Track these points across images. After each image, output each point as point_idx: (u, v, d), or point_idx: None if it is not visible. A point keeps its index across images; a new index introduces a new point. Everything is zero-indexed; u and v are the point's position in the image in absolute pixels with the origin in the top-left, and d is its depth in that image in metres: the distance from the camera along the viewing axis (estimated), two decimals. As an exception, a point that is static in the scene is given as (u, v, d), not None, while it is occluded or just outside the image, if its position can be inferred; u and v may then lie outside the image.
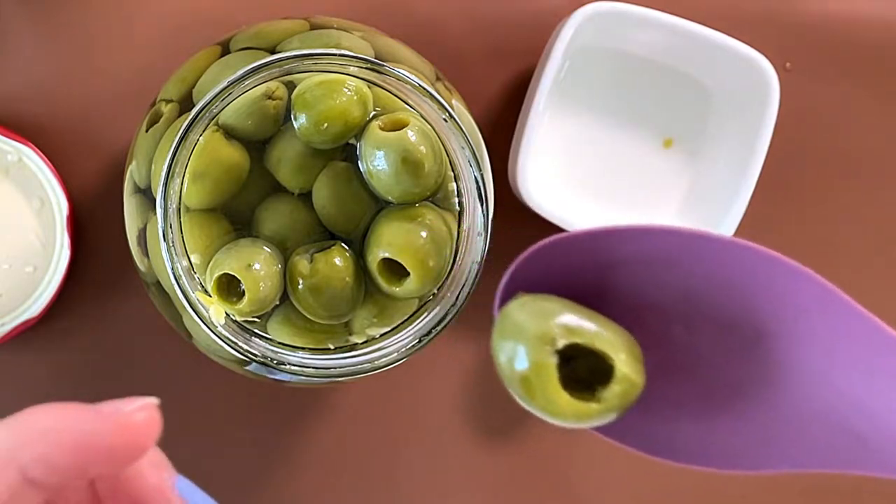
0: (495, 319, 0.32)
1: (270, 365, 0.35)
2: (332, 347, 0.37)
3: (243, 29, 0.39)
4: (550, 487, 0.48)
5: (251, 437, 0.47)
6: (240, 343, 0.35)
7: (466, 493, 0.48)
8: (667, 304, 0.31)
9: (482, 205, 0.35)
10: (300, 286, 0.35)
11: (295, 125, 0.35)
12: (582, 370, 0.29)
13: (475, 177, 0.35)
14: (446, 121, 0.35)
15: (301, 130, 0.35)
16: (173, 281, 0.34)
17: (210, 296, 0.35)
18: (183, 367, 0.46)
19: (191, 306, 0.35)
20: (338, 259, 0.36)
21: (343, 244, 0.36)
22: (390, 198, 0.36)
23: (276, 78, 0.35)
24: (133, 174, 0.37)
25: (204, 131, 0.35)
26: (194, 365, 0.44)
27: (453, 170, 0.36)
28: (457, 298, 0.36)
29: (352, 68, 0.35)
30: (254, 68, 0.33)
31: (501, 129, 0.45)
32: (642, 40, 0.43)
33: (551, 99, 0.44)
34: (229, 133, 0.36)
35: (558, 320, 0.29)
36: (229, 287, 0.35)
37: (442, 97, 0.35)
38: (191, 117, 0.34)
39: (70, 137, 0.44)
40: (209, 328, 0.35)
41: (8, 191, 0.43)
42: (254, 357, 0.35)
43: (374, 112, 0.36)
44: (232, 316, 0.36)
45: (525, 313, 0.30)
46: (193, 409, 0.46)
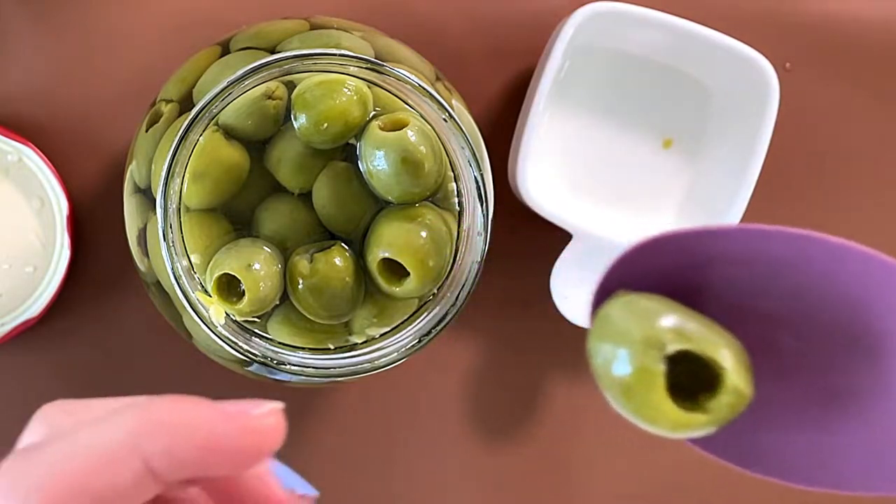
0: (591, 320, 0.29)
1: (270, 365, 0.35)
2: (332, 347, 0.37)
3: (243, 29, 0.39)
4: (550, 487, 0.48)
5: (251, 437, 0.47)
6: (240, 343, 0.35)
7: (466, 493, 0.48)
8: (771, 308, 0.28)
9: (482, 205, 0.35)
10: (300, 286, 0.35)
11: (295, 125, 0.35)
12: (681, 375, 0.26)
13: (475, 177, 0.35)
14: (446, 121, 0.35)
15: (301, 130, 0.35)
16: (173, 281, 0.34)
17: (210, 296, 0.35)
18: (183, 367, 0.46)
19: (191, 306, 0.35)
20: (338, 259, 0.36)
21: (343, 244, 0.36)
22: (390, 198, 0.36)
23: (276, 78, 0.35)
24: (133, 174, 0.37)
25: (204, 131, 0.35)
26: (194, 365, 0.44)
27: (453, 170, 0.36)
28: (457, 298, 0.36)
29: (352, 68, 0.35)
30: (254, 68, 0.33)
31: (501, 129, 0.45)
32: (642, 40, 0.43)
33: (551, 99, 0.44)
34: (229, 133, 0.36)
35: (666, 323, 0.26)
36: (229, 287, 0.35)
37: (442, 97, 0.35)
38: (191, 117, 0.34)
39: (70, 137, 0.44)
40: (209, 328, 0.35)
41: (8, 191, 0.43)
42: (254, 357, 0.35)
43: (374, 112, 0.36)
44: (232, 316, 0.36)
45: (628, 313, 0.27)
46: None
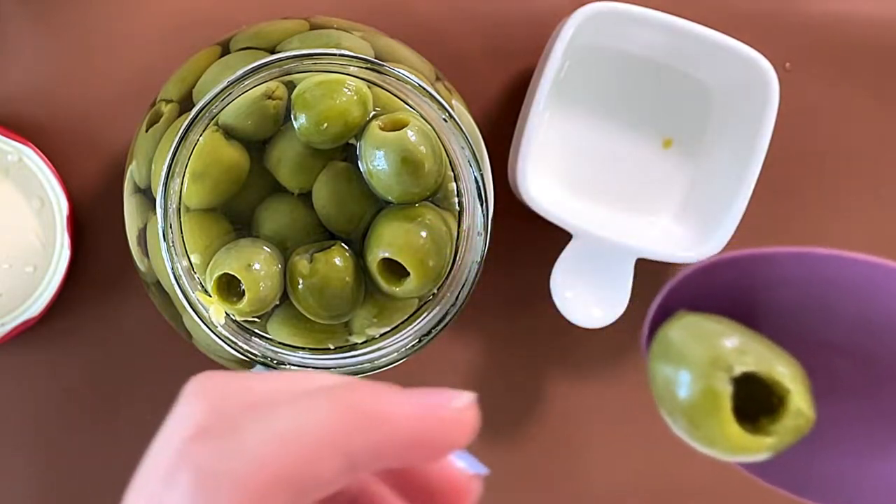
0: (648, 340, 0.28)
1: (270, 365, 0.35)
2: (332, 347, 0.37)
3: (243, 29, 0.39)
4: (550, 487, 0.48)
5: (251, 437, 0.47)
6: (240, 343, 0.35)
7: (466, 493, 0.48)
8: (828, 332, 0.28)
9: (482, 205, 0.35)
10: (300, 286, 0.35)
11: (295, 125, 0.35)
12: (740, 398, 0.26)
13: (475, 177, 0.35)
14: (446, 121, 0.35)
15: (301, 130, 0.35)
16: (173, 281, 0.34)
17: (210, 296, 0.35)
18: (183, 367, 0.45)
19: (191, 306, 0.35)
20: (338, 259, 0.36)
21: (343, 244, 0.36)
22: (390, 198, 0.36)
23: (276, 78, 0.35)
24: (133, 174, 0.37)
25: (204, 131, 0.35)
26: (194, 365, 0.44)
27: (453, 170, 0.36)
28: (457, 298, 0.36)
29: (352, 68, 0.35)
30: (254, 68, 0.33)
31: (501, 129, 0.45)
32: (642, 40, 0.43)
33: (551, 99, 0.44)
34: (229, 133, 0.36)
35: (730, 344, 0.26)
36: (229, 287, 0.35)
37: (442, 97, 0.35)
38: (191, 117, 0.34)
39: (70, 137, 0.44)
40: (209, 328, 0.35)
41: (8, 191, 0.43)
42: (254, 357, 0.35)
43: (374, 112, 0.36)
44: (232, 316, 0.36)
45: (690, 335, 0.27)
46: None
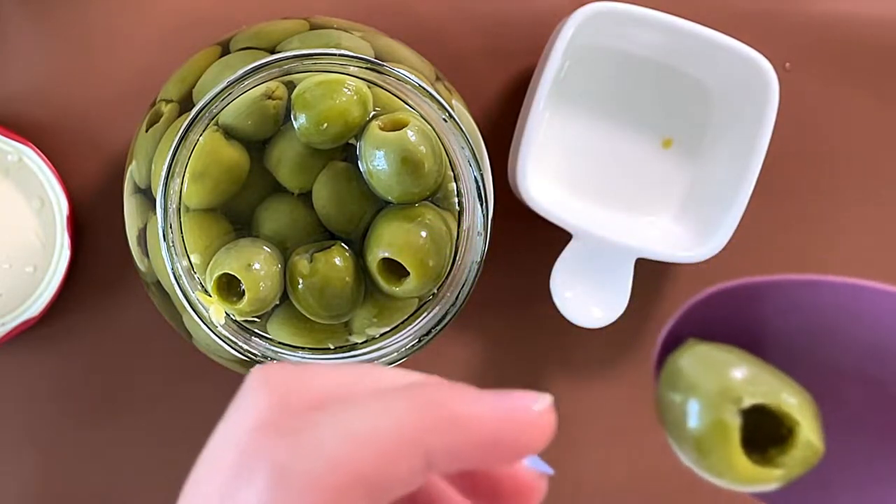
0: (658, 367, 0.28)
1: (270, 365, 0.35)
2: (332, 347, 0.37)
3: (243, 29, 0.39)
4: (550, 487, 0.48)
5: (251, 437, 0.47)
6: (240, 343, 0.35)
7: (466, 493, 0.48)
8: (838, 360, 0.28)
9: (482, 205, 0.35)
10: (300, 286, 0.35)
11: (295, 125, 0.35)
12: (749, 427, 0.26)
13: (475, 177, 0.35)
14: (446, 121, 0.35)
15: (301, 130, 0.35)
16: (173, 281, 0.34)
17: (210, 296, 0.35)
18: (183, 367, 0.46)
19: (191, 306, 0.35)
20: (338, 259, 0.36)
21: (343, 244, 0.36)
22: (390, 198, 0.36)
23: (276, 78, 0.35)
24: (133, 174, 0.37)
25: (204, 131, 0.35)
26: (194, 365, 0.44)
27: (453, 170, 0.36)
28: (456, 298, 0.36)
29: (352, 68, 0.35)
30: (254, 68, 0.33)
31: (501, 129, 0.45)
32: (642, 40, 0.43)
33: (551, 99, 0.44)
34: (229, 133, 0.36)
35: (740, 375, 0.26)
36: (229, 287, 0.35)
37: (442, 97, 0.35)
38: (191, 117, 0.34)
39: (70, 137, 0.44)
40: (209, 328, 0.35)
41: (8, 191, 0.43)
42: (254, 357, 0.35)
43: (374, 112, 0.36)
44: (232, 316, 0.36)
45: (700, 364, 0.27)
46: (194, 410, 0.46)
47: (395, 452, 0.20)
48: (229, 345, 0.35)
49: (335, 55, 0.34)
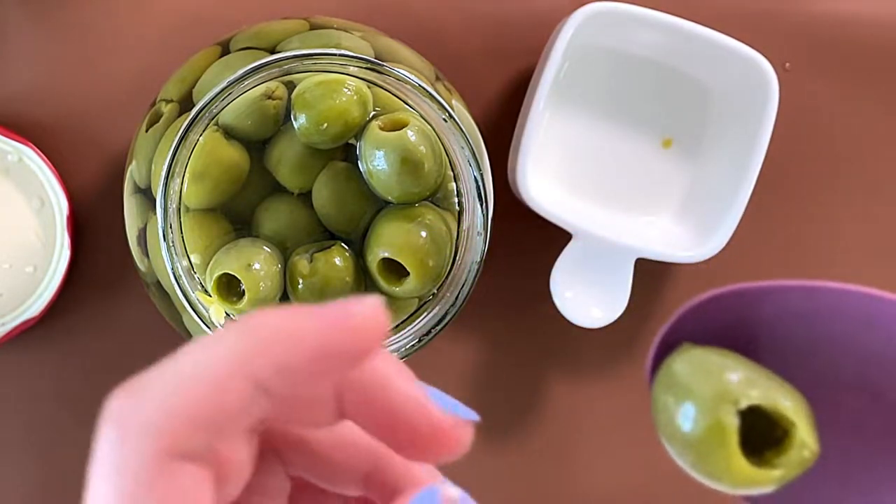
0: (652, 373, 0.29)
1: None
2: (332, 347, 0.37)
3: (243, 29, 0.39)
4: (550, 487, 0.48)
5: (251, 437, 0.47)
6: (240, 343, 0.35)
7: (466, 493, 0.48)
8: (832, 366, 0.28)
9: (482, 205, 0.35)
10: (300, 286, 0.35)
11: (295, 125, 0.35)
12: (746, 430, 0.26)
13: (475, 177, 0.35)
14: (446, 121, 0.35)
15: (301, 130, 0.35)
16: (173, 281, 0.34)
17: (210, 296, 0.35)
18: (183, 367, 0.45)
19: (191, 306, 0.35)
20: (338, 259, 0.36)
21: (343, 244, 0.36)
22: (390, 198, 0.36)
23: (276, 78, 0.35)
24: (133, 174, 0.37)
25: (204, 131, 0.35)
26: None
27: (453, 170, 0.36)
28: (456, 298, 0.36)
29: (352, 68, 0.35)
30: (254, 68, 0.33)
31: (501, 129, 0.45)
32: (642, 40, 0.43)
33: (551, 99, 0.44)
34: (229, 133, 0.36)
35: (736, 377, 0.26)
36: (229, 287, 0.35)
37: (442, 97, 0.35)
38: (191, 117, 0.34)
39: (70, 137, 0.44)
40: (209, 328, 0.35)
41: (8, 191, 0.43)
42: (254, 357, 0.35)
43: (374, 112, 0.36)
44: (232, 316, 0.36)
45: (695, 368, 0.27)
46: None
47: (222, 384, 0.21)
48: (229, 345, 0.35)
49: (335, 55, 0.34)
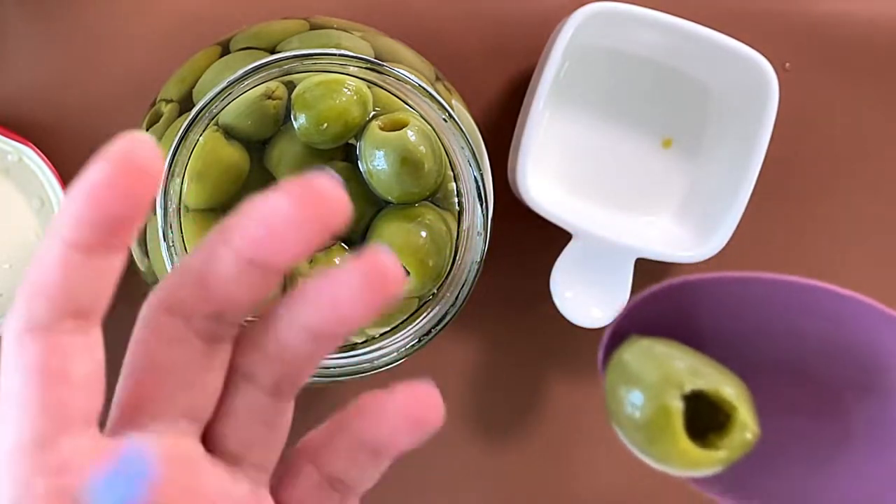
0: (604, 365, 0.30)
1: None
2: (332, 347, 0.37)
3: (243, 29, 0.39)
4: (550, 487, 0.48)
5: (251, 437, 0.47)
6: (240, 343, 0.35)
7: (465, 493, 0.48)
8: (774, 353, 0.30)
9: (482, 205, 0.35)
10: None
11: (295, 125, 0.35)
12: (691, 416, 0.28)
13: (475, 177, 0.35)
14: (446, 121, 0.35)
15: (301, 130, 0.35)
16: (173, 281, 0.34)
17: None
18: (183, 367, 0.45)
19: (191, 306, 0.35)
20: (338, 259, 0.36)
21: (343, 244, 0.36)
22: (390, 198, 0.36)
23: (276, 78, 0.35)
24: (133, 174, 0.37)
25: (204, 131, 0.35)
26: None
27: (453, 170, 0.36)
28: (456, 298, 0.36)
29: (352, 68, 0.35)
30: (254, 68, 0.33)
31: (501, 129, 0.45)
32: (642, 40, 0.43)
33: (551, 99, 0.44)
34: (229, 133, 0.36)
35: (681, 364, 0.28)
36: (229, 287, 0.35)
37: (442, 97, 0.35)
38: (191, 117, 0.34)
39: (70, 137, 0.44)
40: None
41: (8, 191, 0.43)
42: (254, 357, 0.35)
43: (374, 112, 0.36)
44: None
45: (644, 357, 0.29)
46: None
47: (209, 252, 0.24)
48: (229, 345, 0.35)
49: (335, 55, 0.34)
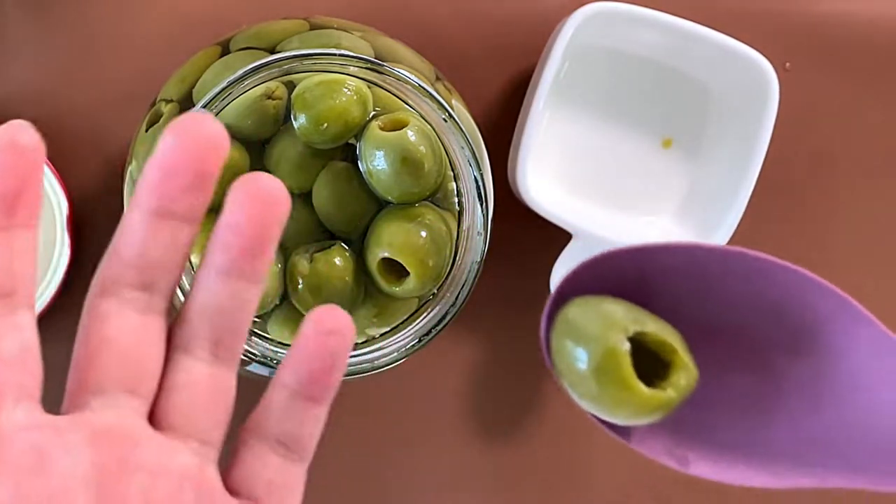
0: (547, 332, 0.31)
1: (270, 365, 0.35)
2: (332, 347, 0.37)
3: (243, 29, 0.39)
4: (550, 487, 0.48)
5: (251, 437, 0.47)
6: (240, 343, 0.35)
7: (466, 493, 0.48)
8: (707, 315, 0.31)
9: (482, 204, 0.35)
10: (300, 286, 0.35)
11: (295, 125, 0.35)
12: (634, 366, 0.29)
13: (475, 177, 0.35)
14: (446, 121, 0.35)
15: (301, 130, 0.35)
16: (173, 281, 0.34)
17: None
18: (183, 367, 0.45)
19: (191, 306, 0.35)
20: (338, 259, 0.36)
21: (343, 244, 0.36)
22: (390, 198, 0.36)
23: (276, 78, 0.35)
24: (133, 174, 0.37)
25: (204, 131, 0.35)
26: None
27: (453, 170, 0.36)
28: (456, 298, 0.36)
29: (352, 68, 0.35)
30: (254, 68, 0.33)
31: (501, 129, 0.45)
32: (642, 40, 0.43)
33: (551, 99, 0.44)
34: (229, 133, 0.36)
35: (623, 313, 0.29)
36: (229, 287, 0.35)
37: (442, 97, 0.35)
38: (191, 117, 0.34)
39: (70, 137, 0.44)
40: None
41: (8, 191, 0.43)
42: (253, 357, 0.35)
43: (374, 112, 0.36)
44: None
45: (588, 312, 0.30)
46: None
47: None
48: (229, 345, 0.35)
49: (335, 55, 0.34)
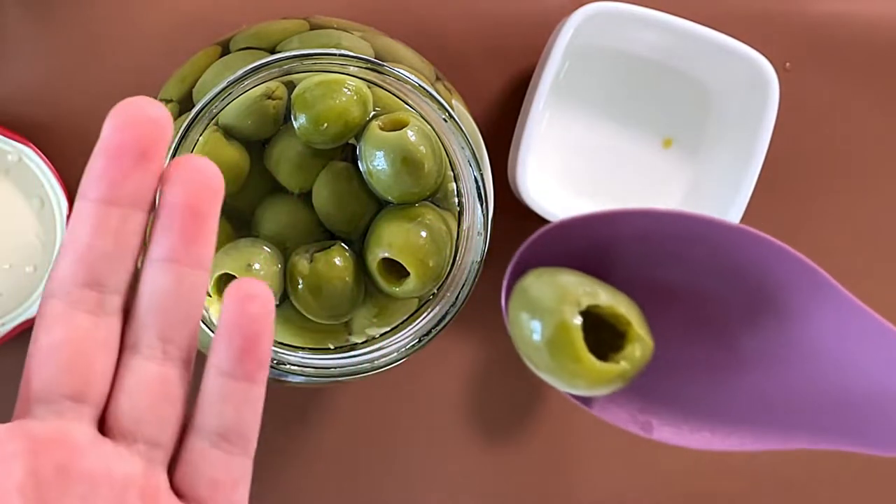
0: (507, 302, 0.31)
1: (270, 365, 0.35)
2: (332, 347, 0.37)
3: (243, 29, 0.39)
4: (550, 487, 0.48)
5: (251, 437, 0.47)
6: (240, 343, 0.35)
7: (466, 493, 0.48)
8: (667, 280, 0.32)
9: (482, 204, 0.35)
10: (300, 286, 0.35)
11: (295, 125, 0.35)
12: (590, 340, 0.29)
13: (475, 177, 0.35)
14: (446, 121, 0.35)
15: (301, 130, 0.35)
16: (173, 281, 0.34)
17: (210, 296, 0.35)
18: (183, 367, 0.45)
19: (191, 306, 0.35)
20: (338, 259, 0.36)
21: (343, 244, 0.36)
22: (390, 198, 0.36)
23: (276, 78, 0.35)
24: (133, 174, 0.37)
25: (204, 131, 0.35)
26: (193, 365, 0.44)
27: (453, 170, 0.36)
28: (456, 298, 0.36)
29: (352, 68, 0.35)
30: (254, 68, 0.33)
31: (501, 129, 0.45)
32: (642, 40, 0.43)
33: (551, 99, 0.44)
34: (229, 133, 0.36)
35: (577, 286, 0.30)
36: (229, 287, 0.35)
37: (442, 97, 0.35)
38: (191, 117, 0.34)
39: (70, 137, 0.44)
40: (209, 328, 0.35)
41: (8, 191, 0.43)
42: (254, 357, 0.35)
43: (374, 112, 0.36)
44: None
45: (543, 283, 0.30)
46: (192, 410, 0.46)
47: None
48: (229, 345, 0.35)
49: (335, 55, 0.34)
